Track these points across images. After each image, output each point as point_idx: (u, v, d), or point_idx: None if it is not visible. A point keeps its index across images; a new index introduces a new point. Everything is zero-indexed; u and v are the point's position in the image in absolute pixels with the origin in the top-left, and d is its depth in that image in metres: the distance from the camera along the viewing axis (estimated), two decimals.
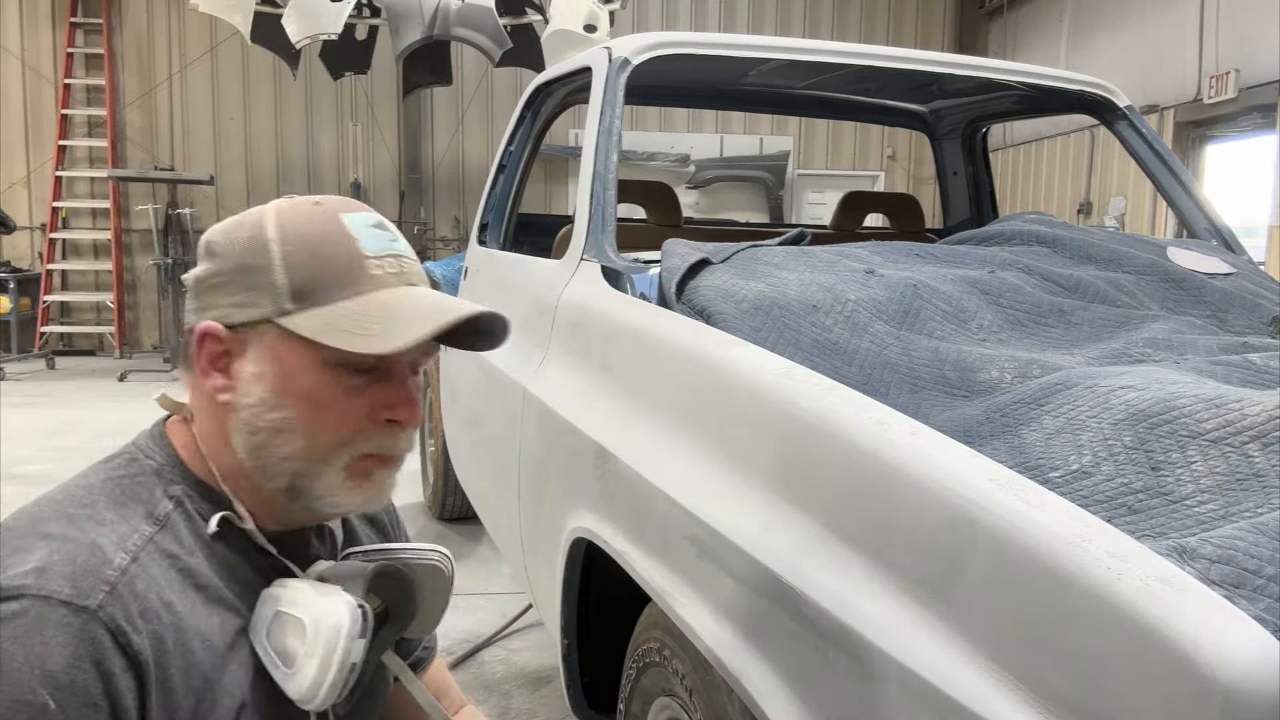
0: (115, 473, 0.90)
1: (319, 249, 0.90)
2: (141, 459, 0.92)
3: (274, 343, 0.90)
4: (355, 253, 0.91)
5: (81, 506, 0.86)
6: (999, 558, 0.84)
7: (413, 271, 0.95)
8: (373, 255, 0.92)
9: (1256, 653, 0.67)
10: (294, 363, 0.89)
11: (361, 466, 0.93)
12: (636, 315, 1.72)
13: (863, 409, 1.10)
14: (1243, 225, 6.47)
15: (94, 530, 0.83)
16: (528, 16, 7.62)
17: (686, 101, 3.96)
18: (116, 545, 0.83)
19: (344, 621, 0.88)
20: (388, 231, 0.96)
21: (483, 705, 2.60)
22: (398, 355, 0.90)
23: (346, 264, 0.90)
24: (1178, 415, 1.09)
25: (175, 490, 0.91)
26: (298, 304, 0.89)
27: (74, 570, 0.79)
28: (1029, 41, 9.83)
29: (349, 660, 0.89)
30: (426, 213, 10.10)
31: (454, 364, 3.17)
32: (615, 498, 1.53)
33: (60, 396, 7.13)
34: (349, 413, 0.91)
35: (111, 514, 0.86)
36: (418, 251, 8.89)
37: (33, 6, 9.56)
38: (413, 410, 0.94)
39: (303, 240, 0.91)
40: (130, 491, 0.89)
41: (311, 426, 0.90)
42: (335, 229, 0.92)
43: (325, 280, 0.89)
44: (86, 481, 0.90)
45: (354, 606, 0.90)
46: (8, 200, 9.34)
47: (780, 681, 1.07)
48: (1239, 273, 2.00)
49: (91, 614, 0.78)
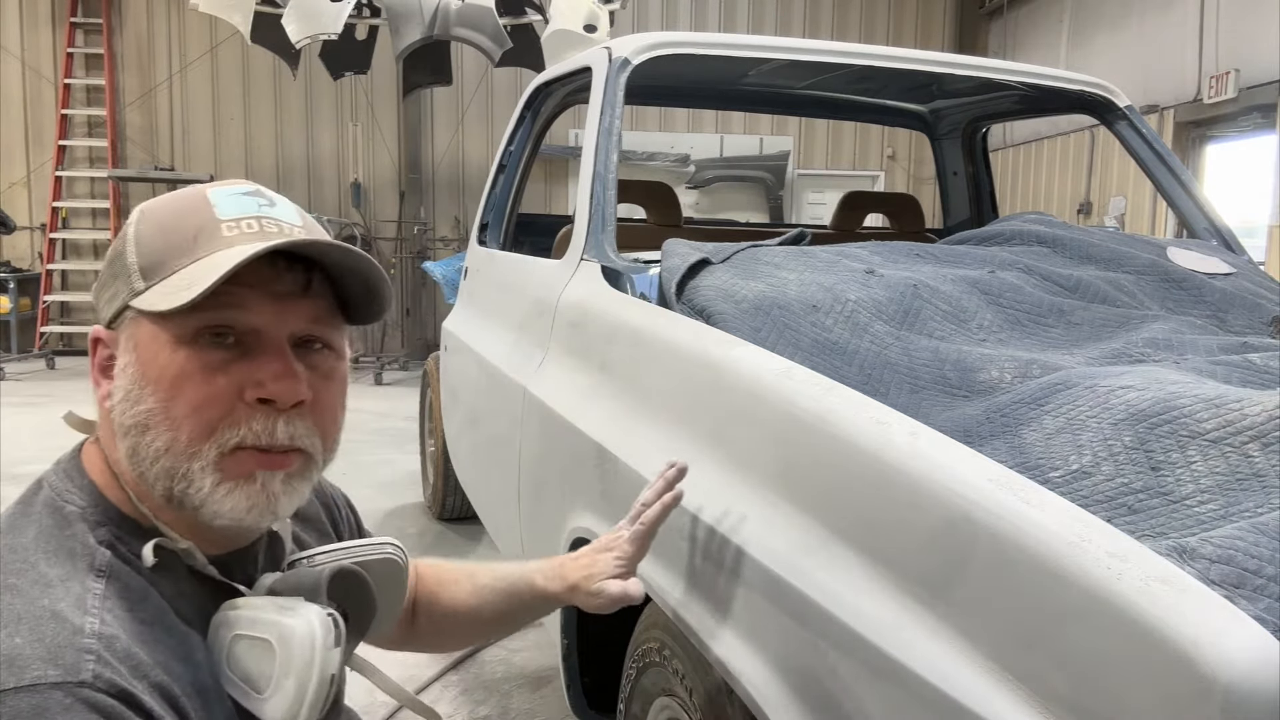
0: (44, 523, 0.81)
1: (170, 223, 0.84)
2: (62, 505, 0.83)
3: (131, 328, 0.83)
4: (208, 219, 0.84)
5: (18, 574, 0.77)
6: (999, 558, 0.84)
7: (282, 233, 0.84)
8: (228, 219, 0.84)
9: (1256, 653, 0.67)
10: (148, 344, 0.81)
11: (236, 464, 0.82)
12: (636, 315, 1.72)
13: (863, 409, 1.10)
14: (1243, 225, 6.47)
15: (44, 597, 0.75)
16: (528, 16, 7.61)
17: (686, 101, 3.96)
18: (77, 609, 0.75)
19: (316, 634, 0.83)
20: (263, 198, 0.87)
21: (483, 705, 2.60)
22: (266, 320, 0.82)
23: (195, 231, 0.83)
24: (1178, 415, 1.09)
25: (102, 534, 0.81)
26: (146, 281, 0.82)
27: (47, 649, 0.71)
28: (1029, 41, 9.83)
29: (327, 673, 0.83)
30: (426, 213, 10.09)
31: (454, 364, 3.17)
32: (615, 498, 1.53)
33: (60, 396, 7.12)
34: (209, 393, 0.80)
35: (55, 571, 0.77)
36: (417, 251, 8.74)
37: (33, 6, 9.55)
38: (286, 384, 0.82)
39: (155, 218, 0.85)
40: (64, 545, 0.80)
41: (171, 414, 0.80)
42: (193, 202, 0.86)
43: (172, 251, 0.82)
44: (14, 541, 0.80)
45: (324, 616, 0.84)
46: (8, 200, 9.34)
47: (780, 681, 1.07)
48: (1239, 273, 2.00)
49: (91, 686, 0.71)
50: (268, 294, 0.83)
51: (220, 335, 0.81)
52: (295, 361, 0.84)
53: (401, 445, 5.34)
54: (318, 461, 0.88)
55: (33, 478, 0.89)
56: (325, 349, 0.88)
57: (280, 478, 0.84)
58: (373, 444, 5.42)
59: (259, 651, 0.83)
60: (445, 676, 2.77)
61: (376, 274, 0.87)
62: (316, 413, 0.86)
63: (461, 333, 3.01)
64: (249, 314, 0.82)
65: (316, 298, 0.86)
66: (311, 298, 0.86)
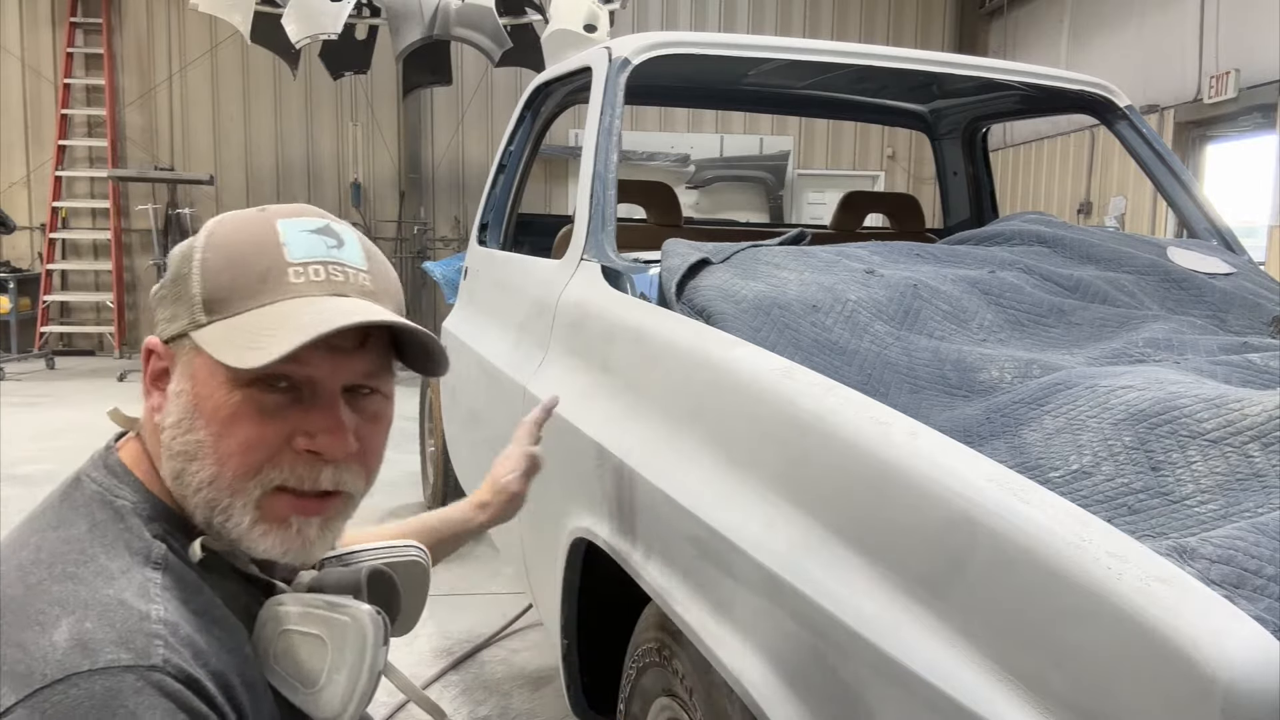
0: (96, 517, 0.83)
1: (237, 257, 0.83)
2: (112, 500, 0.84)
3: (190, 358, 0.83)
4: (277, 260, 0.83)
5: (79, 564, 0.79)
6: (999, 558, 0.84)
7: (348, 282, 0.85)
8: (297, 262, 0.84)
9: (1256, 653, 0.67)
10: (205, 379, 0.82)
11: (275, 508, 0.84)
12: (636, 315, 1.72)
13: (863, 409, 1.10)
14: (1243, 225, 6.47)
15: (108, 586, 0.77)
16: (528, 16, 7.61)
17: (686, 101, 3.96)
18: (141, 597, 0.77)
19: (368, 631, 0.86)
20: (331, 238, 0.87)
21: (483, 705, 2.60)
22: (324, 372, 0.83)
23: (263, 272, 0.83)
24: (1178, 415, 1.09)
25: (155, 529, 0.84)
26: (209, 315, 0.82)
27: (118, 634, 0.73)
28: (1029, 41, 9.83)
29: (376, 669, 0.86)
30: (426, 213, 10.10)
31: (454, 364, 3.17)
32: (615, 498, 1.53)
33: (60, 396, 7.12)
34: (260, 436, 0.82)
35: (115, 564, 0.79)
36: (417, 251, 8.76)
37: (33, 6, 9.55)
38: (336, 440, 0.84)
39: (224, 248, 0.84)
40: (120, 538, 0.82)
41: (220, 450, 0.82)
42: (263, 235, 0.85)
43: (238, 290, 0.82)
44: (66, 534, 0.82)
45: (374, 614, 0.87)
46: (8, 200, 9.33)
47: (780, 681, 1.07)
48: (1239, 273, 2.00)
49: (161, 670, 0.73)
50: (326, 348, 0.83)
51: (275, 380, 0.83)
52: (346, 413, 0.86)
53: (401, 445, 5.34)
54: (357, 500, 0.91)
55: (32, 478, 0.89)
56: (375, 393, 0.90)
57: (316, 523, 0.86)
58: None
59: (310, 647, 0.85)
60: (445, 676, 2.77)
61: (434, 344, 0.89)
62: (363, 456, 0.89)
63: (461, 333, 3.01)
64: (305, 367, 0.83)
65: (372, 350, 0.88)
66: (368, 351, 0.87)
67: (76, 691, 0.70)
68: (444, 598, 3.31)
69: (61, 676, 0.70)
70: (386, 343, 0.89)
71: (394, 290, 0.91)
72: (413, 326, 0.86)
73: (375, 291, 0.87)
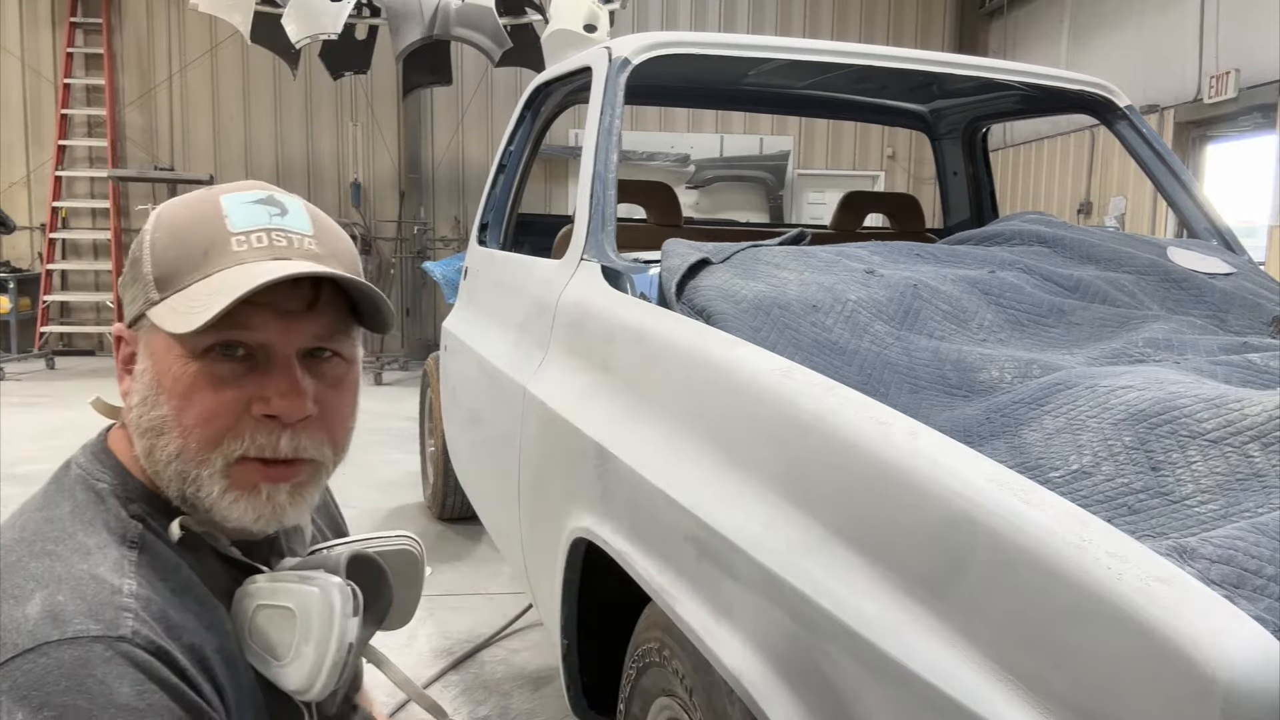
0: (78, 498, 0.85)
1: (183, 233, 0.86)
2: (93, 483, 0.87)
3: (149, 337, 0.86)
4: (219, 231, 0.85)
5: (58, 542, 0.81)
6: (999, 558, 0.84)
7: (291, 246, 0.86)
8: (238, 231, 0.85)
9: (1256, 653, 0.67)
10: (162, 354, 0.84)
11: (243, 475, 0.85)
12: (636, 315, 1.72)
13: (863, 409, 1.10)
14: (1243, 225, 6.47)
15: (83, 561, 0.79)
16: (528, 16, 7.61)
17: (686, 101, 3.96)
18: (115, 572, 0.79)
19: (335, 600, 0.86)
20: (275, 206, 0.88)
21: (483, 705, 2.60)
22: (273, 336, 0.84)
23: (206, 245, 0.85)
24: (1178, 415, 1.09)
25: (134, 509, 0.86)
26: (161, 293, 0.84)
27: (89, 606, 0.75)
28: (1029, 41, 9.83)
29: (345, 640, 0.86)
30: (426, 213, 10.09)
31: (454, 364, 3.17)
32: (615, 498, 1.53)
33: (60, 396, 7.12)
34: (218, 405, 0.83)
35: (92, 541, 0.81)
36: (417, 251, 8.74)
37: (33, 6, 9.55)
38: (291, 401, 0.85)
39: (171, 227, 0.87)
40: (99, 517, 0.84)
41: (182, 422, 0.84)
42: (207, 210, 0.87)
43: (184, 265, 0.84)
44: (50, 514, 0.84)
45: (342, 585, 0.87)
46: (8, 200, 9.33)
47: (780, 681, 1.07)
48: (1239, 273, 2.00)
49: (130, 642, 0.74)
50: (275, 311, 0.84)
51: (230, 349, 0.84)
52: (303, 376, 0.86)
53: (401, 445, 5.34)
54: (328, 467, 0.92)
55: (32, 478, 0.91)
56: (335, 357, 0.90)
57: (285, 489, 0.87)
58: (373, 444, 5.42)
59: (280, 620, 0.86)
60: (445, 676, 2.77)
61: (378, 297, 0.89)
62: (325, 421, 0.89)
63: (461, 333, 3.01)
64: (256, 333, 0.84)
65: (324, 312, 0.88)
66: (319, 313, 0.88)
67: (46, 660, 0.71)
68: (444, 598, 3.31)
69: (32, 646, 0.72)
70: (341, 305, 0.89)
71: (345, 253, 0.91)
72: (349, 277, 0.86)
73: (322, 255, 0.88)
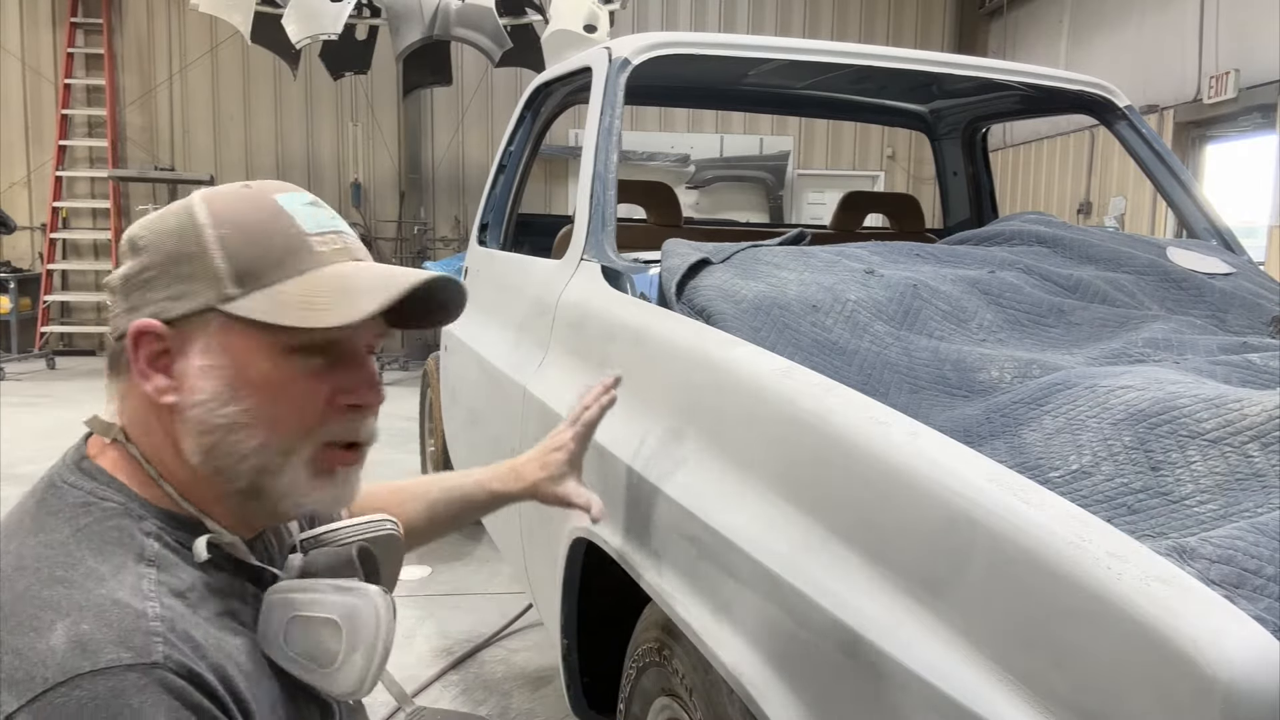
0: (80, 521, 0.82)
1: (256, 230, 0.87)
2: (96, 503, 0.84)
3: (219, 332, 0.85)
4: (295, 231, 0.88)
5: (67, 568, 0.78)
6: (999, 557, 0.84)
7: (356, 247, 0.93)
8: (314, 233, 0.89)
9: (1256, 653, 0.67)
10: (245, 350, 0.85)
11: (325, 460, 0.90)
12: (636, 315, 1.72)
13: (863, 409, 1.10)
14: (1243, 225, 6.47)
15: (99, 586, 0.77)
16: (528, 16, 7.62)
17: (686, 101, 3.96)
18: (136, 595, 0.78)
19: (381, 611, 0.90)
20: (323, 209, 0.94)
21: (483, 705, 2.60)
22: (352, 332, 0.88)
23: (286, 243, 0.87)
24: (1178, 415, 1.09)
25: (148, 526, 0.84)
26: (241, 288, 0.85)
27: (117, 633, 0.74)
28: (1029, 41, 9.83)
29: (390, 644, 0.91)
30: (426, 213, 10.10)
31: (454, 364, 3.17)
32: (615, 498, 1.53)
33: (60, 396, 7.12)
34: (309, 399, 0.87)
35: (105, 565, 0.79)
36: (417, 251, 8.78)
37: (33, 6, 9.55)
38: (374, 392, 0.92)
39: (237, 223, 0.87)
40: (108, 539, 0.81)
41: (271, 417, 0.86)
42: (270, 208, 0.89)
43: (268, 261, 0.86)
44: (50, 539, 0.81)
45: (384, 595, 0.91)
46: (8, 200, 9.34)
47: (780, 682, 1.07)
48: (1239, 273, 2.00)
49: (163, 668, 0.74)
50: None
51: (314, 345, 0.88)
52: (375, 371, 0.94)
53: (402, 445, 5.34)
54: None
55: (32, 478, 0.89)
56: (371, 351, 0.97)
57: (355, 472, 0.94)
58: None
59: (321, 629, 0.89)
60: (445, 676, 2.77)
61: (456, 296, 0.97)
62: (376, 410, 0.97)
63: (461, 333, 3.01)
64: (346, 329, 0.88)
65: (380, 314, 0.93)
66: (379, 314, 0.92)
67: (80, 693, 0.70)
68: (444, 598, 3.31)
69: (64, 679, 0.70)
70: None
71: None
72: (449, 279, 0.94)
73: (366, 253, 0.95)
